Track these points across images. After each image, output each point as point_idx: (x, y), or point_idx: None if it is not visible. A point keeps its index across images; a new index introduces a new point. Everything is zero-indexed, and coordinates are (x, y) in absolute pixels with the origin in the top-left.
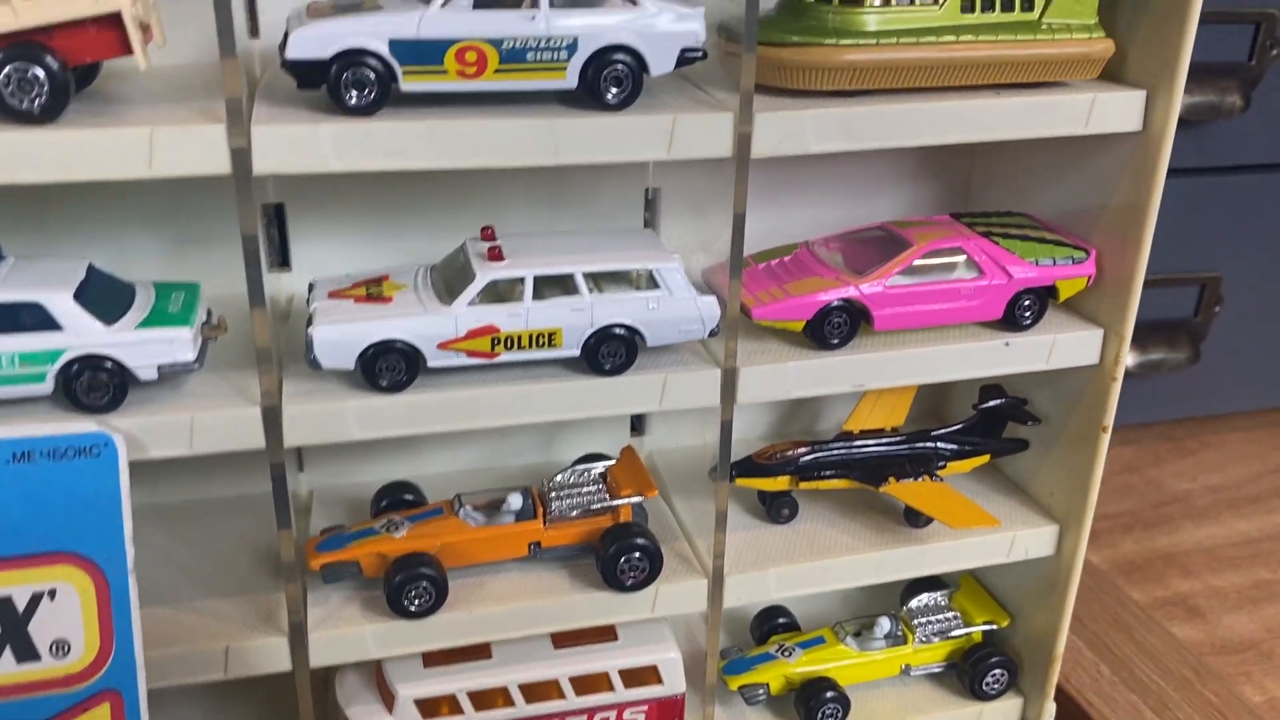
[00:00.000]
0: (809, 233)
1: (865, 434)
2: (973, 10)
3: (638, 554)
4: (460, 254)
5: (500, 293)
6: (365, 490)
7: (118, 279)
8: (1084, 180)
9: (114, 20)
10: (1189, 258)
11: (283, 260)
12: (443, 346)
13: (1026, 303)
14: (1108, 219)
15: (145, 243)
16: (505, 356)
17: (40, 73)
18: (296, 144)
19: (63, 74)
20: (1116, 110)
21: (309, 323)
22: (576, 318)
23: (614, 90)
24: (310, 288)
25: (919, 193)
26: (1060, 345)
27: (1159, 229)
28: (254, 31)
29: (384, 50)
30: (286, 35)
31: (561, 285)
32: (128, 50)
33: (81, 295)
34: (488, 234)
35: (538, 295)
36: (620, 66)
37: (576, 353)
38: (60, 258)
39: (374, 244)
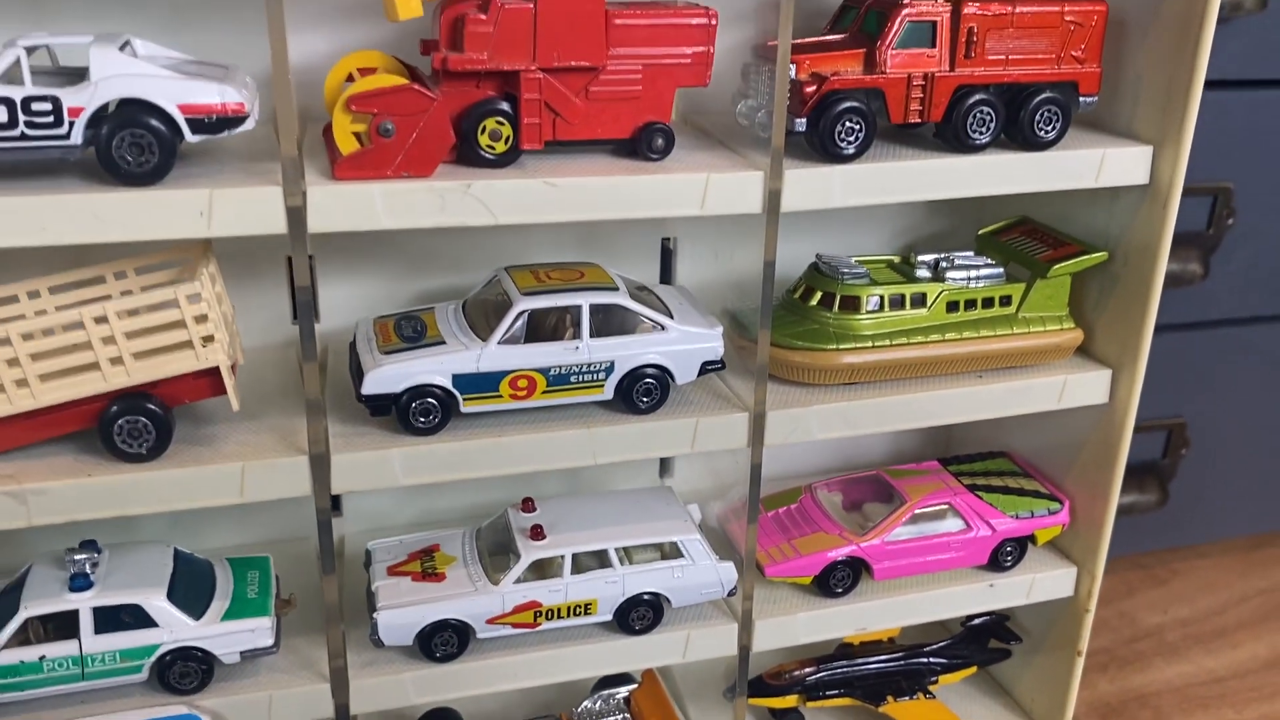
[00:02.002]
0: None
1: (865, 647)
2: (957, 310)
3: None
4: (503, 523)
5: (542, 569)
6: None
7: (198, 560)
8: (1059, 434)
9: (212, 370)
10: (1156, 405)
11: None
12: (491, 622)
13: (1008, 550)
14: (1079, 469)
15: None
16: (546, 626)
17: (148, 422)
18: (370, 470)
19: (166, 417)
20: (1086, 387)
21: (372, 604)
22: (610, 589)
23: (645, 400)
24: (368, 558)
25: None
26: (1039, 583)
27: None
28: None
29: (448, 384)
30: (361, 370)
31: (597, 558)
32: (222, 392)
33: (173, 591)
34: (528, 506)
35: (575, 569)
36: (650, 381)
37: (610, 618)
38: (148, 545)
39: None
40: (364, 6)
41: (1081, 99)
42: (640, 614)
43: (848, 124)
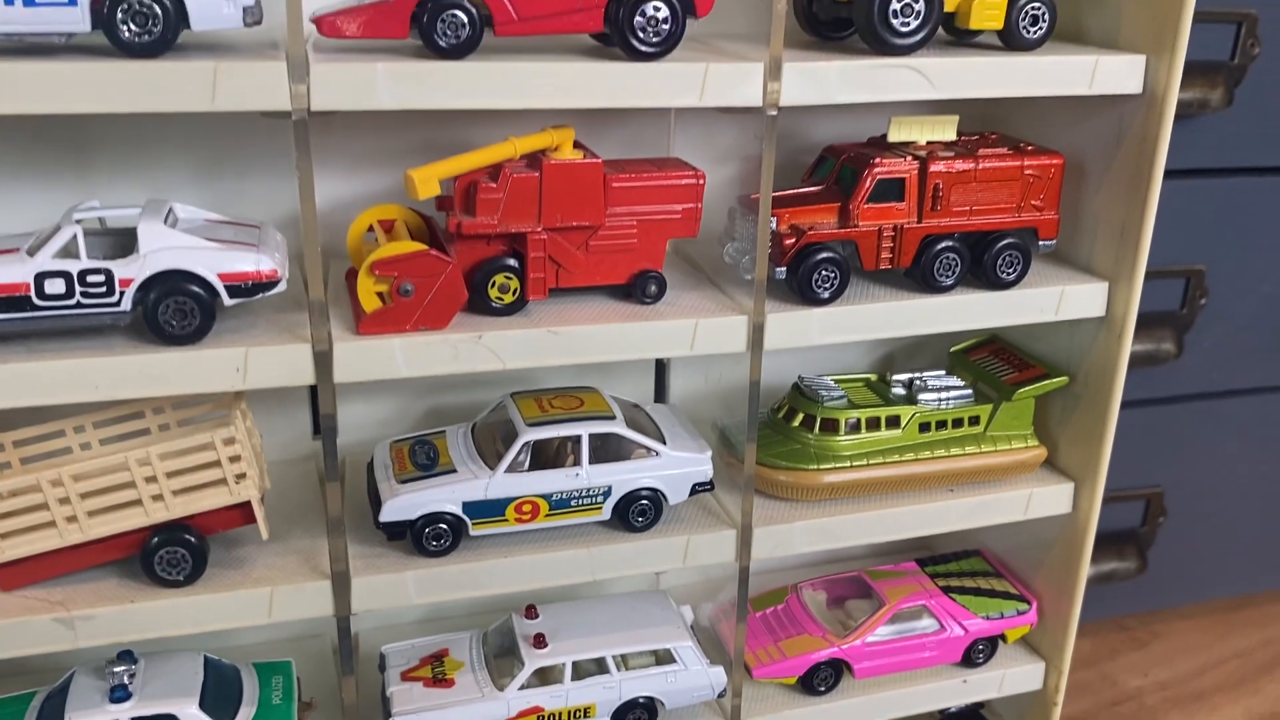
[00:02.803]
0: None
1: None
2: (929, 430)
3: None
4: (508, 628)
5: (544, 676)
6: None
7: (225, 667)
8: (1027, 536)
9: (244, 504)
10: (1135, 475)
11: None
12: None
13: (980, 648)
14: (1047, 569)
15: None
16: None
17: (186, 552)
18: (386, 591)
19: (202, 546)
20: (1050, 500)
21: (387, 709)
22: (608, 694)
23: (640, 520)
24: (382, 661)
25: None
26: (1010, 678)
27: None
28: None
29: (459, 510)
30: (379, 496)
31: (596, 664)
32: (253, 521)
33: (204, 700)
34: (531, 613)
35: (576, 675)
36: (645, 502)
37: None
38: (181, 654)
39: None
40: (382, 153)
41: (1041, 242)
42: (635, 717)
43: (824, 273)
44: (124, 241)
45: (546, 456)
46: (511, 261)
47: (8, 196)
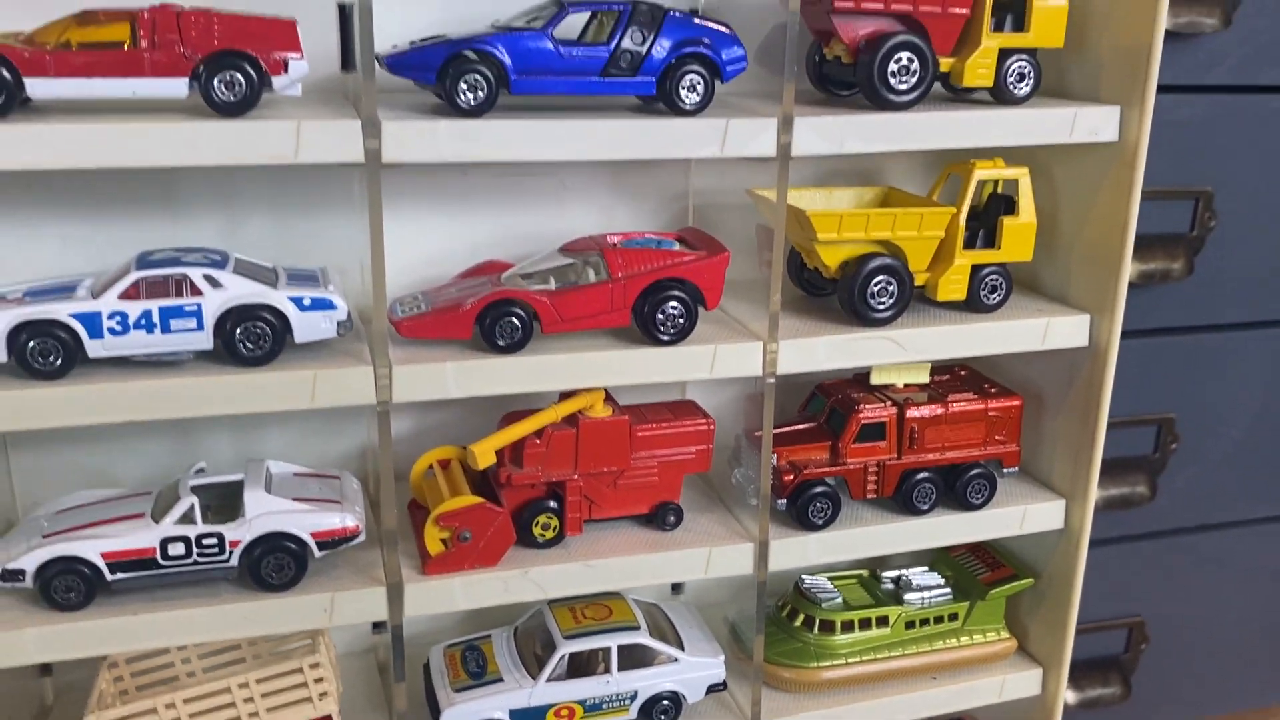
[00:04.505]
0: None
1: None
2: (914, 627)
3: None
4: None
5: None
6: None
7: None
8: (1007, 713)
9: (325, 716)
10: (1116, 606)
11: None
12: None
13: None
14: None
15: None
16: None
17: None
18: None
19: None
20: (1021, 684)
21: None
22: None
23: (663, 718)
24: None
25: None
26: None
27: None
28: None
29: (506, 718)
30: (437, 703)
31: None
32: None
33: None
34: None
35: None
36: (666, 702)
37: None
38: None
39: None
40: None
41: (1005, 470)
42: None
43: (819, 505)
44: (231, 503)
45: (580, 664)
46: (553, 504)
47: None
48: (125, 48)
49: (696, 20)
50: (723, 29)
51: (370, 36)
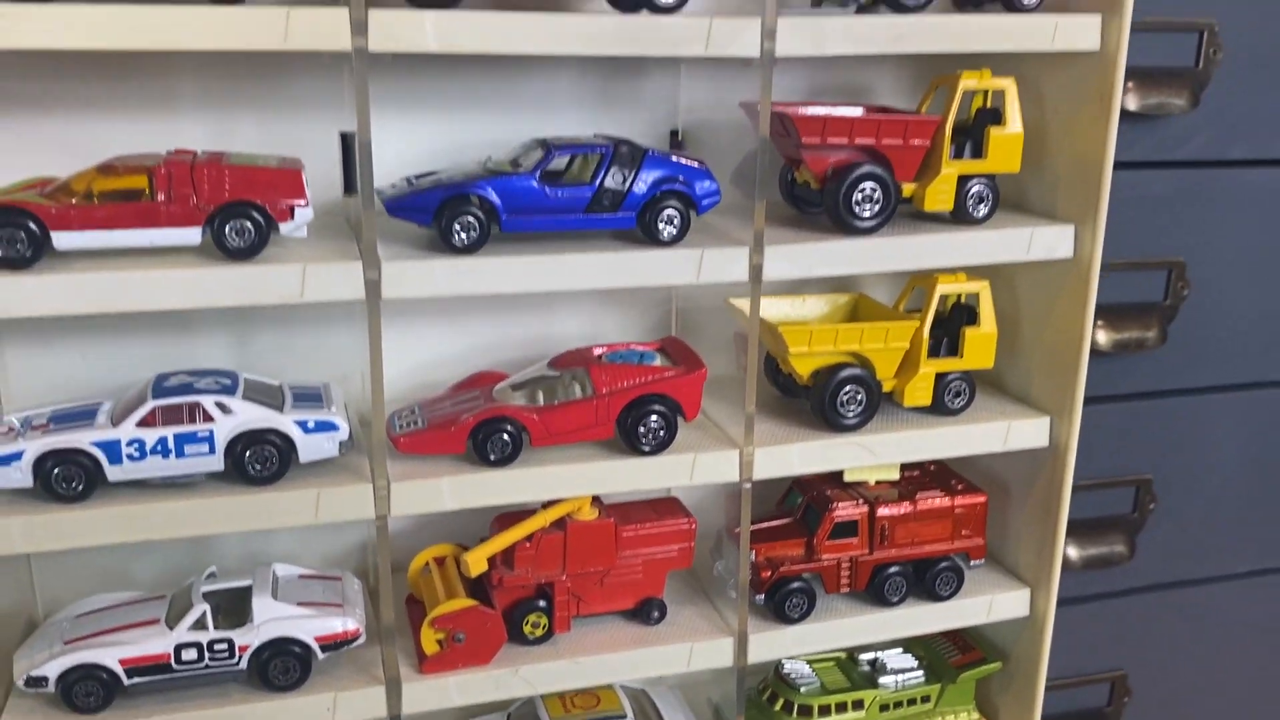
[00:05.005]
0: None
1: None
2: (888, 709)
3: None
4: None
5: None
6: None
7: None
8: None
9: None
10: (1100, 660)
11: None
12: None
13: None
14: None
15: None
16: None
17: None
18: None
19: None
20: None
21: None
22: None
23: None
24: None
25: None
26: None
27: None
28: None
29: None
30: None
31: None
32: None
33: None
34: None
35: None
36: None
37: None
38: None
39: None
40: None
41: (972, 563)
42: None
43: (794, 600)
44: (240, 607)
45: None
46: (542, 603)
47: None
48: (143, 199)
49: (674, 158)
50: (698, 165)
51: (370, 176)
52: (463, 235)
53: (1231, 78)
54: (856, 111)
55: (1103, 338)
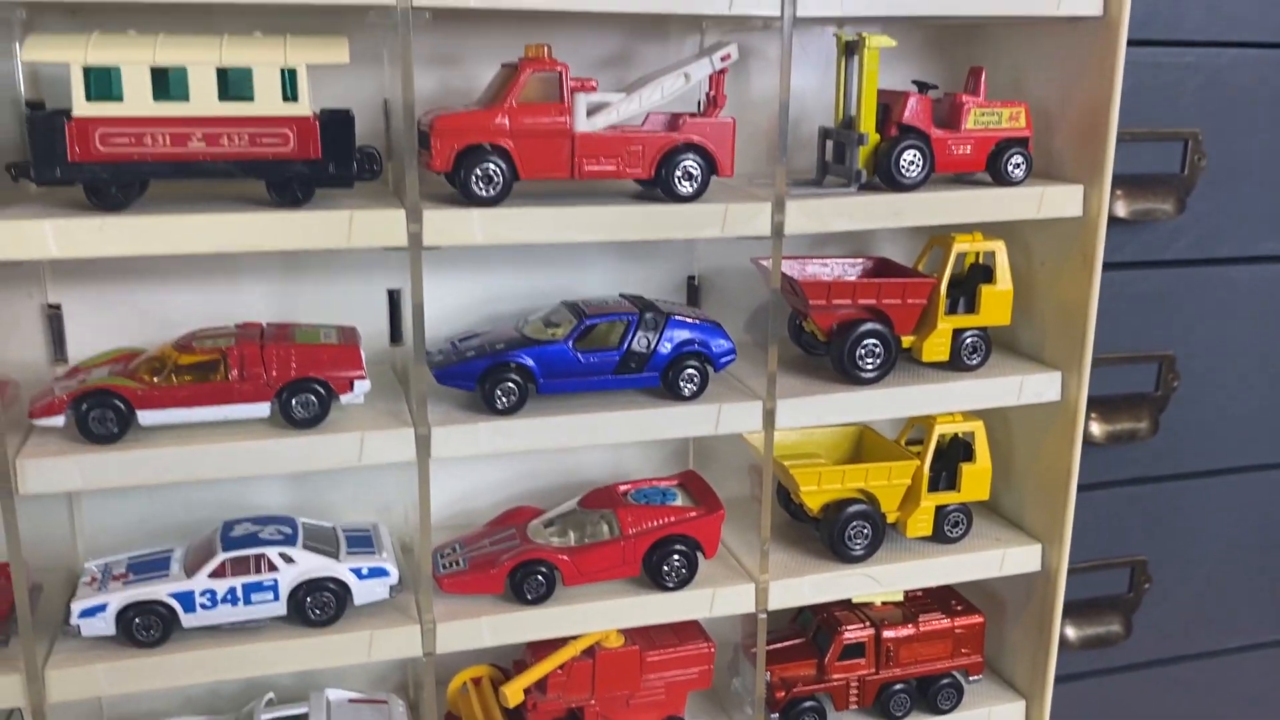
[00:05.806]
0: None
1: None
2: None
3: None
4: None
5: None
6: None
7: None
8: None
9: None
10: None
11: None
12: None
13: None
14: None
15: None
16: None
17: None
18: None
19: None
20: None
21: None
22: None
23: None
24: None
25: None
26: None
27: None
28: None
29: None
30: None
31: None
32: None
33: None
34: None
35: None
36: None
37: None
38: None
39: None
40: None
41: (970, 679)
42: None
43: (806, 718)
44: None
45: None
46: None
47: None
48: (217, 377)
49: (693, 319)
50: (715, 326)
51: (423, 342)
52: (504, 400)
53: (1215, 183)
54: (856, 272)
55: (1096, 430)
